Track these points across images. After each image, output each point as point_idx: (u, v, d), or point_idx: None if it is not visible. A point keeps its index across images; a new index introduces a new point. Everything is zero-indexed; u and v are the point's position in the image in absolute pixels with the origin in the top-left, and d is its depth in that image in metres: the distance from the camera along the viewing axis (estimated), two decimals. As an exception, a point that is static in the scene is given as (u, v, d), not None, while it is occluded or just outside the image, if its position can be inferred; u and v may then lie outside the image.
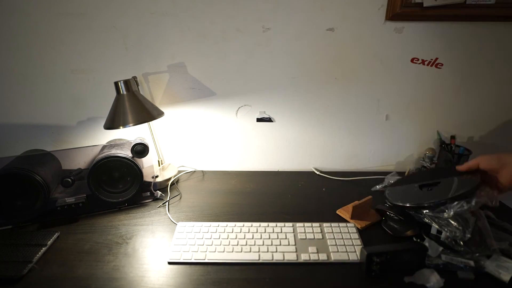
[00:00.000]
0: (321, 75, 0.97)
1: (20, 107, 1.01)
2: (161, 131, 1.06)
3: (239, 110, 1.03)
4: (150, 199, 0.90)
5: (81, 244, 0.72)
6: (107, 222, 0.81)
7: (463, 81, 0.97)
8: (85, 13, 0.90)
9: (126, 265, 0.66)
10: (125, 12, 0.90)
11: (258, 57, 0.95)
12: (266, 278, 0.62)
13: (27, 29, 0.91)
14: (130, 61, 0.96)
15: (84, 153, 0.88)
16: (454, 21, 0.89)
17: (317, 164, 1.11)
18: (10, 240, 0.72)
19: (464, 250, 0.65)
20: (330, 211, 0.84)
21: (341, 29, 0.91)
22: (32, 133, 1.05)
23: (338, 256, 0.67)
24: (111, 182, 0.86)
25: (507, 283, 0.59)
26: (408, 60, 0.95)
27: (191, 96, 1.01)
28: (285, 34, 0.92)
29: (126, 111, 0.83)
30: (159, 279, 0.62)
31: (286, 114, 1.04)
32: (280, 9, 0.89)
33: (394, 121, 1.04)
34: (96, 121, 1.04)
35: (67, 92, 0.99)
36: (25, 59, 0.95)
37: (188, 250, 0.69)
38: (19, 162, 0.80)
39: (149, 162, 0.92)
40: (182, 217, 0.83)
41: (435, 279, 0.59)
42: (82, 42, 0.93)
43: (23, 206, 0.78)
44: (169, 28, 0.92)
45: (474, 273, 0.61)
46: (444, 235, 0.67)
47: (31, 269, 0.64)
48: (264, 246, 0.70)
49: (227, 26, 0.91)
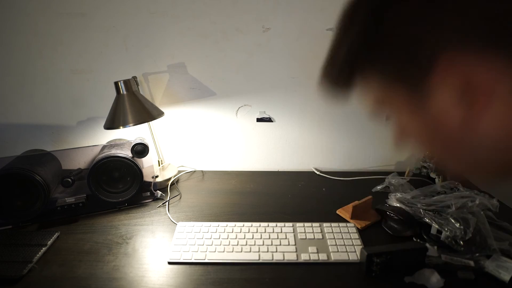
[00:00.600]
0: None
1: (20, 107, 1.01)
2: (161, 131, 1.06)
3: (239, 110, 1.03)
4: (150, 199, 0.90)
5: (81, 244, 0.72)
6: (107, 222, 0.81)
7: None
8: (85, 13, 0.90)
9: (126, 265, 0.66)
10: (125, 12, 0.90)
11: (258, 57, 0.95)
12: (266, 278, 0.62)
13: (27, 29, 0.91)
14: (130, 61, 0.96)
15: (84, 153, 0.88)
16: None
17: (317, 164, 1.11)
18: (10, 240, 0.72)
19: (464, 250, 0.65)
20: (330, 211, 0.84)
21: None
22: (32, 133, 1.05)
23: (338, 256, 0.67)
24: (111, 182, 0.86)
25: (507, 283, 0.59)
26: (408, 60, 0.95)
27: (191, 96, 1.01)
28: (285, 34, 0.92)
29: (126, 111, 0.83)
30: (159, 279, 0.62)
31: (286, 114, 1.03)
32: (280, 9, 0.89)
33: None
34: (96, 121, 1.04)
35: (67, 92, 0.99)
36: (25, 59, 0.95)
37: (188, 250, 0.69)
38: (19, 162, 0.80)
39: (149, 162, 0.92)
40: (182, 217, 0.83)
41: (435, 279, 0.59)
42: (82, 42, 0.93)
43: (23, 206, 0.78)
44: (169, 28, 0.92)
45: (474, 273, 0.61)
46: (444, 235, 0.68)
47: (31, 269, 0.64)
48: (264, 246, 0.70)
49: (227, 26, 0.91)
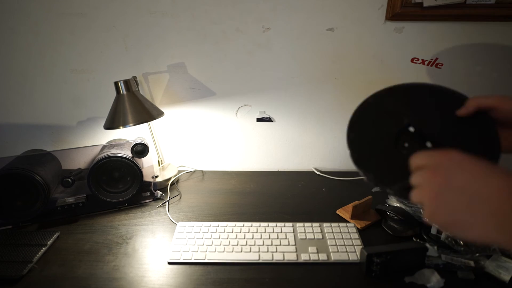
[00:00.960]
0: (321, 75, 0.97)
1: (20, 107, 1.01)
2: (161, 131, 1.06)
3: (239, 110, 1.03)
4: (150, 199, 0.90)
5: (81, 244, 0.72)
6: (107, 222, 0.81)
7: (463, 81, 0.97)
8: (85, 13, 0.90)
9: (126, 265, 0.66)
10: (125, 12, 0.90)
11: (258, 57, 0.95)
12: (266, 278, 0.62)
13: (27, 29, 0.91)
14: (130, 61, 0.96)
15: (84, 153, 0.88)
16: (454, 21, 0.89)
17: (317, 164, 1.11)
18: (10, 240, 0.72)
19: (464, 250, 0.65)
20: (330, 211, 0.84)
21: (341, 29, 0.91)
22: (32, 133, 1.05)
23: (338, 256, 0.67)
24: (111, 182, 0.86)
25: (507, 283, 0.59)
26: (408, 60, 0.95)
27: (191, 96, 1.01)
28: (285, 34, 0.92)
29: (126, 111, 0.83)
30: (159, 279, 0.62)
31: (286, 114, 1.03)
32: (280, 9, 0.89)
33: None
34: (96, 121, 1.04)
35: (67, 92, 0.99)
36: (25, 59, 0.95)
37: (188, 250, 0.69)
38: (19, 162, 0.80)
39: (149, 162, 0.92)
40: (182, 217, 0.83)
41: (435, 279, 0.59)
42: (82, 42, 0.93)
43: (23, 206, 0.78)
44: (169, 28, 0.92)
45: (474, 273, 0.61)
46: (444, 235, 0.68)
47: (31, 269, 0.64)
48: (264, 246, 0.70)
49: (227, 26, 0.91)
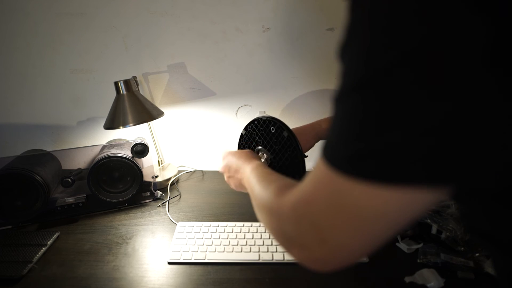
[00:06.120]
0: (321, 75, 0.97)
1: (20, 107, 1.01)
2: (161, 131, 1.06)
3: (239, 110, 1.03)
4: (150, 199, 0.90)
5: (81, 244, 0.72)
6: (107, 222, 0.81)
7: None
8: (85, 13, 0.90)
9: (126, 265, 0.66)
10: (125, 12, 0.90)
11: (258, 57, 0.95)
12: (266, 278, 0.62)
13: (27, 29, 0.91)
14: (130, 61, 0.96)
15: (84, 153, 0.88)
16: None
17: (317, 164, 1.11)
18: (10, 240, 0.72)
19: (464, 250, 0.65)
20: (330, 211, 0.84)
21: (341, 29, 0.91)
22: (32, 133, 1.05)
23: (338, 256, 0.67)
24: (111, 182, 0.86)
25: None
26: (408, 60, 0.95)
27: (191, 96, 1.01)
28: (285, 34, 0.92)
29: (126, 111, 0.83)
30: (159, 279, 0.62)
31: (286, 114, 1.03)
32: (280, 9, 0.89)
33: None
34: (96, 121, 1.04)
35: (67, 92, 0.99)
36: (25, 59, 0.95)
37: (188, 250, 0.69)
38: (19, 162, 0.80)
39: (149, 162, 0.92)
40: (182, 217, 0.82)
41: (435, 279, 0.59)
42: (82, 42, 0.93)
43: (23, 206, 0.78)
44: (169, 28, 0.92)
45: (474, 273, 0.61)
46: (444, 235, 0.68)
47: (31, 269, 0.64)
48: (264, 246, 0.70)
49: (227, 26, 0.91)
